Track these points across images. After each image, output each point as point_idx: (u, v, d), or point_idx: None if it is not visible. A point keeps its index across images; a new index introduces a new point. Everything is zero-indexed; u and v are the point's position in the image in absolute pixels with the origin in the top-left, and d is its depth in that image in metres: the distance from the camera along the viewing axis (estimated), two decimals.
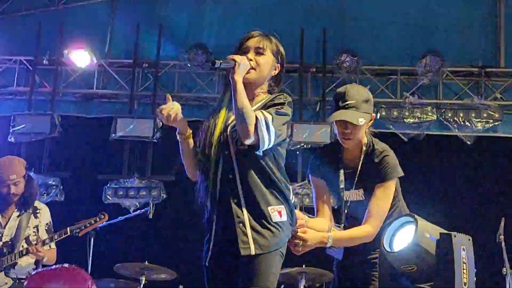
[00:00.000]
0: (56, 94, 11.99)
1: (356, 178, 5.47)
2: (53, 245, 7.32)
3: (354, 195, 5.53)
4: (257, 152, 4.47)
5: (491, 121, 11.37)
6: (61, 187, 11.62)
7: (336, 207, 5.80)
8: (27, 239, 7.13)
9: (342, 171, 5.52)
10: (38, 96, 11.98)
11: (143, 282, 9.13)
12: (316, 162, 5.70)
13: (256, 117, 4.38)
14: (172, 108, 4.53)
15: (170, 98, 4.60)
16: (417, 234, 4.51)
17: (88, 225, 7.35)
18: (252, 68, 4.59)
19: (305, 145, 11.12)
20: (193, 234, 11.03)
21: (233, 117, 4.52)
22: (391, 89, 11.73)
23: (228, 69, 4.46)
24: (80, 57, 11.52)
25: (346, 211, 5.52)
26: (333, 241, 5.19)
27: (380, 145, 5.50)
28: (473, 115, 11.38)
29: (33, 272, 3.17)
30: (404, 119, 11.43)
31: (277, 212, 4.54)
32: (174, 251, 10.68)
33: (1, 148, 10.44)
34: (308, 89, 11.92)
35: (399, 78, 11.79)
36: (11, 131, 11.42)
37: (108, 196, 11.55)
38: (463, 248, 4.57)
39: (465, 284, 4.52)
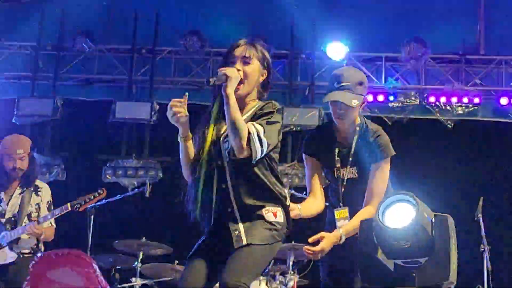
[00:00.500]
0: (58, 79, 11.95)
1: (351, 157, 5.47)
2: (53, 222, 7.30)
3: (348, 173, 5.52)
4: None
5: (471, 105, 11.40)
6: (63, 167, 11.62)
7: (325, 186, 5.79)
8: (29, 216, 7.12)
9: (337, 150, 5.52)
10: (41, 81, 11.94)
11: (141, 257, 9.14)
12: (311, 141, 5.70)
13: (249, 131, 4.32)
14: (182, 109, 4.45)
15: (187, 97, 4.50)
16: (419, 214, 4.50)
17: (88, 200, 7.31)
18: (240, 80, 4.48)
19: (294, 128, 11.12)
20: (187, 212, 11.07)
21: (224, 128, 4.45)
22: (376, 75, 11.71)
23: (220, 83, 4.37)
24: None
25: (343, 190, 5.52)
26: (346, 236, 5.20)
27: (373, 126, 5.49)
28: (454, 99, 11.37)
29: (37, 258, 3.14)
30: (388, 103, 11.43)
31: (271, 213, 4.50)
32: (170, 228, 10.69)
33: (6, 129, 10.39)
34: (298, 74, 11.92)
35: (384, 64, 11.77)
36: (15, 113, 11.41)
37: (107, 176, 11.57)
38: (453, 231, 4.64)
39: (454, 264, 4.60)
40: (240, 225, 4.40)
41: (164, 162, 11.61)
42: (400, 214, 4.59)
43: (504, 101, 11.38)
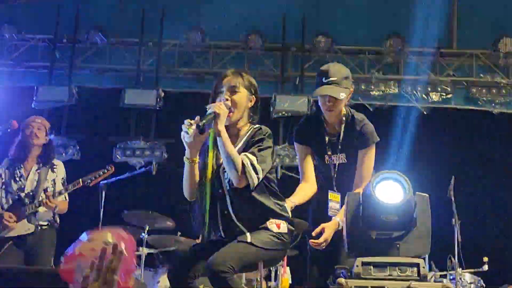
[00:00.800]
0: (73, 68, 11.91)
1: (339, 145, 5.47)
2: (66, 196, 7.26)
3: (338, 159, 5.53)
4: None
5: (445, 94, 11.40)
6: (77, 148, 11.62)
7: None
8: (45, 191, 7.09)
9: (327, 138, 5.53)
10: (58, 70, 11.90)
11: (147, 229, 9.13)
12: (302, 131, 5.70)
13: (243, 163, 4.28)
14: (191, 129, 4.31)
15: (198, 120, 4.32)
16: (409, 192, 4.50)
17: (98, 176, 7.31)
18: (230, 108, 4.43)
19: (286, 114, 11.10)
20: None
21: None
22: (360, 66, 11.69)
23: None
24: None
25: (335, 175, 5.52)
26: (341, 218, 5.18)
27: (359, 115, 5.49)
28: (429, 89, 11.41)
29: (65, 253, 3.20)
30: (370, 92, 11.42)
31: (275, 225, 4.48)
32: (174, 204, 10.66)
33: (26, 114, 10.34)
34: (289, 65, 11.87)
35: (366, 57, 11.76)
36: (34, 99, 11.39)
37: (117, 156, 11.57)
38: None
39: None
40: (247, 234, 4.38)
41: (169, 143, 11.59)
42: (390, 191, 4.58)
43: (473, 90, 11.38)
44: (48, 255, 7.01)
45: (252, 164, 4.30)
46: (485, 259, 8.75)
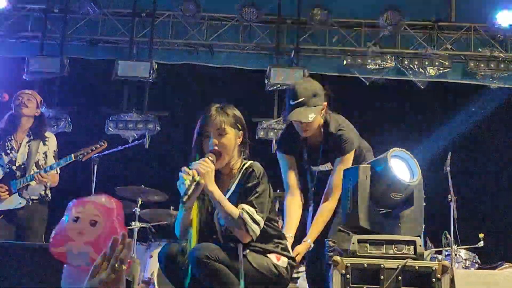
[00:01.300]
0: (65, 39, 11.81)
1: (321, 156, 5.46)
2: (58, 169, 7.19)
3: (321, 167, 5.56)
4: None
5: (442, 68, 11.34)
6: (69, 120, 11.56)
7: None
8: (37, 164, 7.03)
9: (305, 151, 5.54)
10: (49, 41, 11.81)
11: (140, 202, 9.11)
12: (283, 141, 5.68)
13: (243, 220, 4.19)
14: (188, 178, 4.13)
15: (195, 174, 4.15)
16: (419, 173, 4.49)
17: (90, 151, 7.23)
18: (218, 152, 4.31)
19: (280, 86, 11.04)
20: (182, 162, 11.04)
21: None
22: (356, 39, 11.62)
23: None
24: None
25: (313, 189, 5.57)
26: (312, 240, 5.15)
27: (337, 122, 5.38)
28: (426, 63, 11.33)
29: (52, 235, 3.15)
30: (367, 66, 11.33)
31: (275, 256, 4.43)
32: (166, 177, 10.60)
33: (17, 85, 10.27)
34: (284, 38, 11.77)
35: (363, 30, 11.66)
36: (25, 70, 11.33)
37: (110, 128, 11.53)
38: None
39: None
40: (248, 250, 4.33)
41: (162, 116, 11.54)
42: (399, 169, 4.54)
43: (471, 64, 11.32)
44: (40, 229, 6.97)
45: (252, 218, 4.21)
46: (481, 235, 8.72)
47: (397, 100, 11.60)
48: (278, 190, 6.94)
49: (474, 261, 8.88)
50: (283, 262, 4.44)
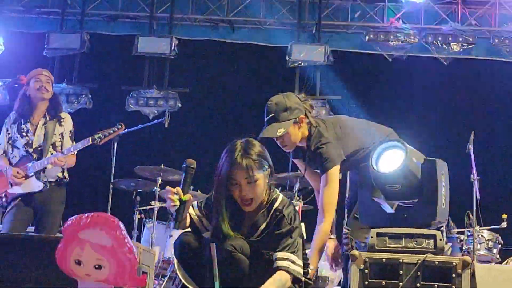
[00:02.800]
0: (85, 15, 11.78)
1: (306, 164, 5.45)
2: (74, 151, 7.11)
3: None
4: None
5: (466, 44, 11.18)
6: (90, 96, 11.59)
7: None
8: (53, 145, 6.95)
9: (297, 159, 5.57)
10: (69, 17, 11.77)
11: (159, 182, 9.06)
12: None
13: (291, 273, 4.13)
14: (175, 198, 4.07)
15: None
16: (407, 158, 4.36)
17: (107, 134, 7.10)
18: (251, 199, 4.21)
19: (302, 63, 10.95)
20: (204, 140, 11.00)
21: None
22: (379, 15, 11.45)
23: None
24: None
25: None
26: (315, 266, 4.97)
27: (317, 137, 5.25)
28: (450, 39, 11.17)
29: (69, 221, 3.08)
30: (390, 42, 11.18)
31: None
32: (187, 155, 10.59)
33: (37, 61, 10.25)
34: (306, 13, 11.64)
35: (386, 5, 11.48)
36: (45, 46, 11.30)
37: (130, 105, 11.56)
38: (443, 173, 4.48)
39: (443, 205, 4.46)
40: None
41: (183, 93, 11.50)
42: (392, 160, 4.45)
43: (496, 40, 11.14)
44: (58, 212, 6.90)
45: (296, 263, 4.17)
46: (504, 216, 8.64)
47: (420, 77, 11.45)
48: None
49: (497, 241, 8.83)
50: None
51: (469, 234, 8.57)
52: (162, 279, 8.54)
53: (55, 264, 3.31)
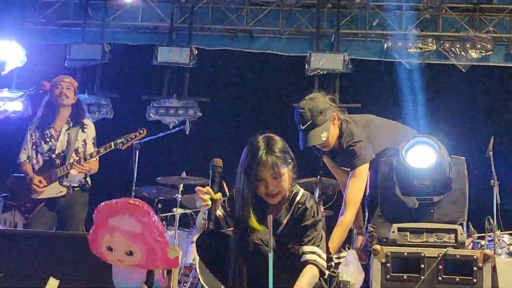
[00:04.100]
0: (106, 26, 11.89)
1: (336, 162, 5.58)
2: (97, 157, 7.19)
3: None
4: None
5: (484, 51, 11.18)
6: (111, 106, 11.67)
7: None
8: (76, 151, 7.04)
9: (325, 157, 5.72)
10: (90, 28, 11.88)
11: (181, 189, 9.11)
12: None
13: (319, 267, 4.20)
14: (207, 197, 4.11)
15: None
16: (439, 155, 4.42)
17: (130, 139, 7.20)
18: (277, 193, 4.30)
19: (321, 72, 10.99)
20: (223, 148, 11.05)
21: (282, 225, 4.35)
22: (397, 23, 11.48)
23: None
24: None
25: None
26: (335, 254, 5.06)
27: (349, 136, 5.35)
28: (468, 46, 11.18)
29: (100, 206, 3.15)
30: (408, 49, 11.22)
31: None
32: (207, 162, 10.65)
33: (58, 72, 10.32)
34: (324, 22, 11.70)
35: (404, 13, 11.51)
36: (67, 57, 11.44)
37: (151, 114, 11.63)
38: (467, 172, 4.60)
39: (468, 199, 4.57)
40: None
41: (203, 102, 11.57)
42: (421, 155, 4.52)
43: None
44: (81, 217, 6.99)
45: (323, 258, 4.24)
46: None
47: (438, 84, 11.47)
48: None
49: None
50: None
51: (490, 239, 8.53)
52: (185, 285, 8.58)
53: (82, 260, 3.39)
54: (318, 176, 8.47)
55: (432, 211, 4.50)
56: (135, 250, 3.32)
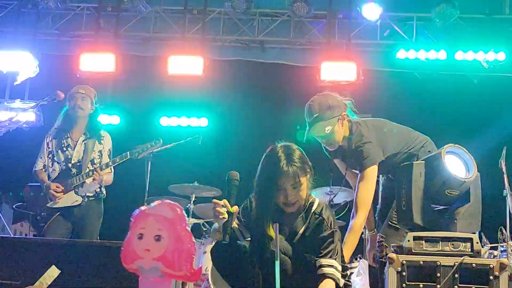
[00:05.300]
0: (118, 37, 11.91)
1: (346, 164, 5.61)
2: (112, 168, 7.24)
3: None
4: None
5: (496, 62, 11.14)
6: (122, 116, 11.68)
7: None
8: (92, 162, 7.10)
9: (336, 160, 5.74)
10: (102, 39, 11.92)
11: (193, 199, 9.15)
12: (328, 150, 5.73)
13: (334, 280, 4.24)
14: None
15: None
16: (473, 167, 4.48)
17: (146, 149, 7.28)
18: (295, 202, 4.35)
19: (332, 82, 11.01)
20: (234, 157, 11.09)
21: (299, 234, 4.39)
22: (408, 33, 11.48)
23: None
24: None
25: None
26: (346, 261, 4.95)
27: (358, 136, 5.39)
28: (480, 56, 11.12)
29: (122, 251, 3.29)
30: (419, 59, 11.19)
31: None
32: (219, 172, 10.69)
33: (71, 83, 10.40)
34: (336, 32, 11.70)
35: (415, 23, 11.51)
36: (79, 68, 11.44)
37: (162, 123, 11.67)
38: None
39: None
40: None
41: (214, 110, 11.63)
42: (454, 165, 4.52)
43: None
44: (95, 226, 7.06)
45: (338, 270, 4.29)
46: None
47: (450, 94, 11.47)
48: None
49: None
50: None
51: (502, 249, 8.54)
52: None
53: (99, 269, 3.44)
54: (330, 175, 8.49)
55: (455, 221, 4.53)
56: (164, 235, 3.44)
